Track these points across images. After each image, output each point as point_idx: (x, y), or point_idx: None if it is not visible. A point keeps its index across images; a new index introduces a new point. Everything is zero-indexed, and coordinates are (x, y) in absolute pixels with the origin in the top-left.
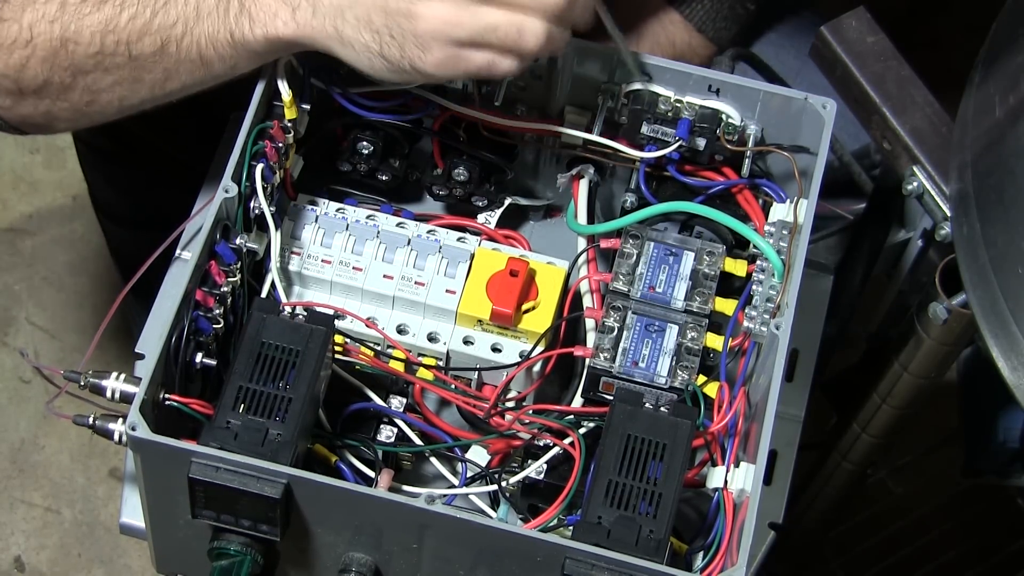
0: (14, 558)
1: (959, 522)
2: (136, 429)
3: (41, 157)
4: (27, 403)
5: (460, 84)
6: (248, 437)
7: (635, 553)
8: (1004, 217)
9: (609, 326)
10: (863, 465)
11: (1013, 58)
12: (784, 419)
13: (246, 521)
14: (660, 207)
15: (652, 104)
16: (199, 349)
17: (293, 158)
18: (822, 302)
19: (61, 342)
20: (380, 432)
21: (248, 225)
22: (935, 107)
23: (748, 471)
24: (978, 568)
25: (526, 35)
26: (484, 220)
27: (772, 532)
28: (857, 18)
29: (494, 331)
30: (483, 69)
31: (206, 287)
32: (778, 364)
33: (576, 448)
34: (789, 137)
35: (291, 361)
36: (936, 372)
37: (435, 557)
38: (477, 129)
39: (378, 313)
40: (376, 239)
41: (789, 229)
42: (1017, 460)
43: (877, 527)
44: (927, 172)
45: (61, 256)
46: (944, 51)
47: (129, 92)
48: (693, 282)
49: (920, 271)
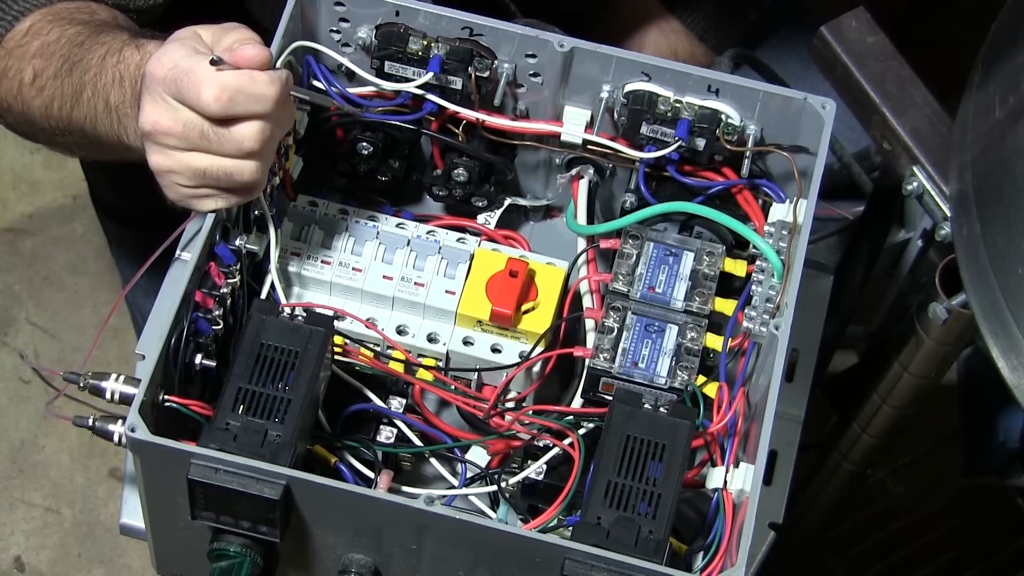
0: (14, 558)
1: (959, 522)
2: (135, 431)
3: (41, 157)
4: (27, 403)
5: (460, 84)
6: (247, 438)
7: (634, 554)
8: (1004, 217)
9: (609, 326)
10: (863, 465)
11: (1013, 58)
12: (784, 419)
13: (246, 522)
14: (660, 207)
15: (652, 104)
16: (198, 350)
17: (293, 159)
18: (822, 302)
19: (61, 342)
20: (380, 433)
21: (248, 226)
22: (935, 107)
23: (748, 471)
24: (978, 568)
25: (234, 177)
26: (484, 220)
27: (772, 532)
28: (857, 18)
29: (494, 332)
30: (211, 207)
31: (206, 288)
32: (778, 364)
33: (576, 449)
34: (789, 137)
35: (290, 362)
36: (936, 372)
37: (435, 558)
38: (477, 129)
39: (378, 314)
40: (376, 240)
41: (789, 229)
42: (1017, 460)
43: (877, 527)
44: (927, 172)
45: (61, 256)
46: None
47: (90, 154)
48: (693, 282)
49: (920, 271)
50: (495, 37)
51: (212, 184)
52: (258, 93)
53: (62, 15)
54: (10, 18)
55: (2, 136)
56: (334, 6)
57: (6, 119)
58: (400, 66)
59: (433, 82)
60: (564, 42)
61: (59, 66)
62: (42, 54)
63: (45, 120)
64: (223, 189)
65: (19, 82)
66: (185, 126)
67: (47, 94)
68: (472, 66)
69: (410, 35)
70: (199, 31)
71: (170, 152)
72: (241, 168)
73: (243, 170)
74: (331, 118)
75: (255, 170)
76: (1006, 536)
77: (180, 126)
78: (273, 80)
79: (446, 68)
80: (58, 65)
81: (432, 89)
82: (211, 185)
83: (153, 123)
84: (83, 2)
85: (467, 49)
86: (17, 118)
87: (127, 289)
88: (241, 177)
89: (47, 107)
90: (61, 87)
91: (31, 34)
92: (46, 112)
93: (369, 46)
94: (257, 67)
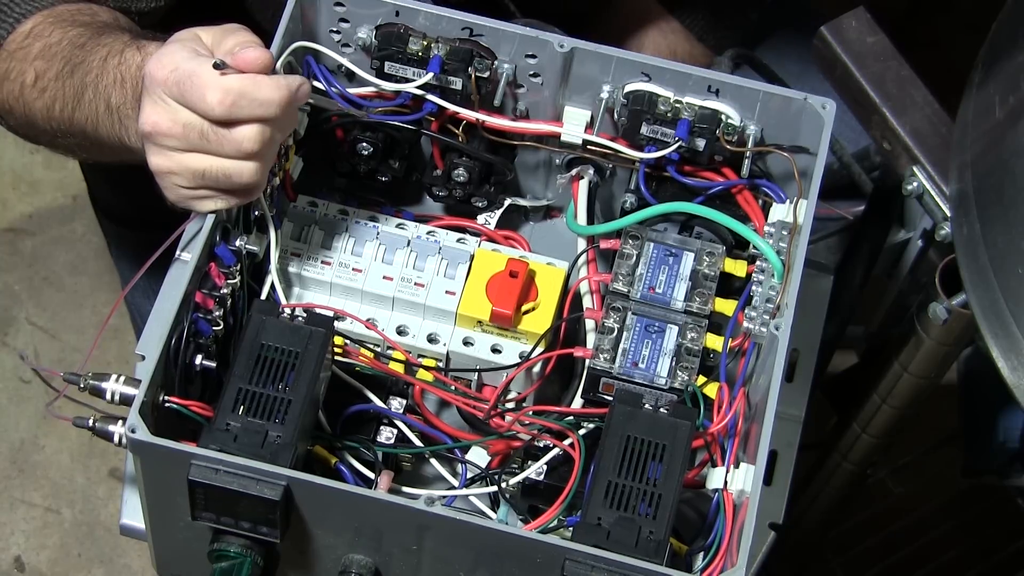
0: (14, 558)
1: (959, 522)
2: (136, 431)
3: (41, 157)
4: (27, 403)
5: (460, 84)
6: (248, 439)
7: (635, 554)
8: (1004, 217)
9: (609, 327)
10: (863, 465)
11: (1013, 58)
12: (784, 419)
13: (246, 523)
14: (660, 208)
15: (652, 105)
16: (199, 351)
17: (293, 159)
18: (822, 302)
19: (61, 342)
20: (380, 433)
21: (248, 226)
22: (935, 107)
23: (748, 472)
24: (978, 568)
25: (233, 178)
26: (484, 221)
27: (772, 532)
28: (857, 18)
29: (494, 332)
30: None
31: (206, 289)
32: (778, 364)
33: (576, 449)
34: (789, 137)
35: (291, 363)
36: (936, 372)
37: (435, 558)
38: (477, 129)
39: (378, 314)
40: (376, 240)
41: (789, 229)
42: (1017, 460)
43: (877, 527)
44: (927, 172)
45: (61, 256)
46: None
47: (92, 156)
48: (693, 283)
49: (920, 271)
50: (495, 37)
51: (211, 185)
52: (262, 97)
53: (64, 17)
54: (12, 20)
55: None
56: (334, 6)
57: (8, 121)
58: (400, 66)
59: (433, 82)
60: (564, 42)
61: (60, 68)
62: (44, 56)
63: (47, 122)
64: (222, 190)
65: (21, 84)
66: (185, 127)
67: (49, 96)
68: (472, 66)
69: (410, 35)
70: (200, 33)
71: (169, 153)
72: (240, 169)
73: (242, 171)
74: (331, 118)
75: (254, 171)
76: (1006, 536)
77: (180, 127)
78: (279, 85)
79: (446, 68)
80: (59, 67)
81: (432, 89)
82: (210, 186)
83: (153, 124)
84: (85, 4)
85: (467, 49)
86: (19, 120)
87: (127, 289)
88: (240, 179)
89: (49, 109)
90: (63, 89)
91: (33, 36)
92: (48, 114)
93: (369, 46)
94: (259, 70)
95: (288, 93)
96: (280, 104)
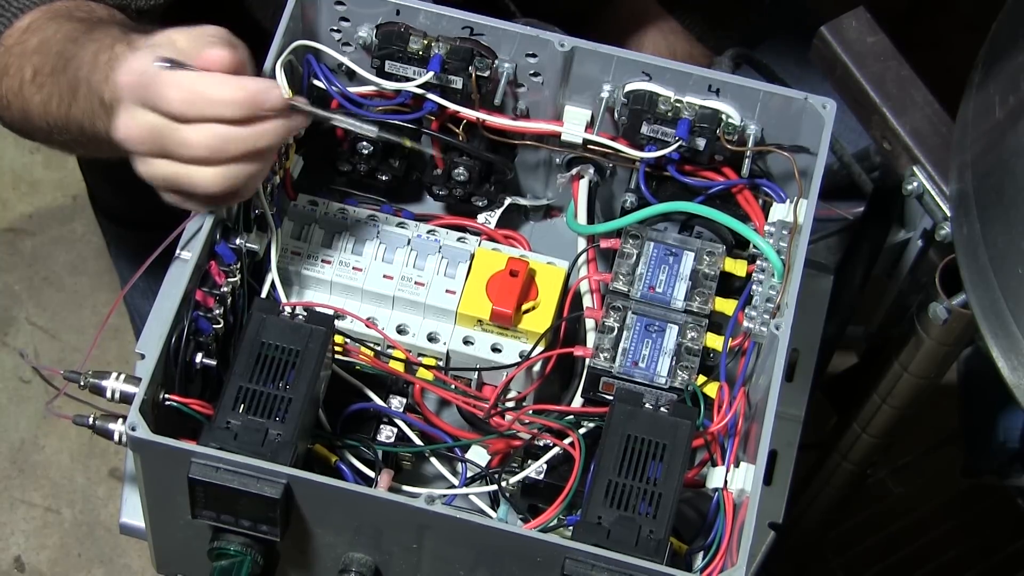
0: (14, 558)
1: (959, 522)
2: (136, 429)
3: (41, 157)
4: (27, 403)
5: (460, 84)
6: (248, 437)
7: (635, 553)
8: (1004, 217)
9: (609, 326)
10: (863, 465)
11: (1013, 58)
12: (784, 419)
13: (246, 521)
14: (660, 207)
15: (652, 104)
16: (199, 349)
17: (293, 158)
18: (822, 302)
19: (61, 342)
20: (380, 432)
21: (248, 225)
22: (935, 107)
23: (748, 471)
24: (978, 568)
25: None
26: (484, 220)
27: (772, 532)
28: (857, 18)
29: (494, 331)
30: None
31: (206, 287)
32: (778, 364)
33: (576, 448)
34: (789, 137)
35: (291, 361)
36: (936, 372)
37: (435, 557)
38: (477, 129)
39: (378, 313)
40: (376, 239)
41: (789, 229)
42: (1017, 460)
43: (877, 527)
44: (927, 172)
45: (61, 256)
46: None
47: (88, 152)
48: (693, 282)
49: (920, 271)
50: (495, 37)
51: (181, 192)
52: (218, 96)
53: (60, 12)
54: (9, 15)
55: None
56: (334, 5)
57: (3, 116)
58: (400, 65)
59: (433, 81)
60: (564, 42)
61: (55, 63)
62: (40, 51)
63: (43, 118)
64: (192, 198)
65: (20, 80)
66: (151, 131)
67: (46, 91)
68: (472, 65)
69: (410, 34)
70: (175, 38)
71: (145, 159)
72: (192, 176)
73: (195, 178)
74: None
75: (211, 178)
76: (1006, 536)
77: (146, 131)
78: (239, 86)
79: (446, 67)
80: (54, 62)
81: (432, 88)
82: (181, 192)
83: (124, 132)
84: (83, 0)
85: (467, 49)
86: (15, 115)
87: (126, 289)
88: (194, 187)
89: (46, 104)
90: (58, 84)
91: (30, 31)
92: (44, 109)
93: (369, 45)
94: (219, 69)
95: (245, 95)
96: (237, 104)
